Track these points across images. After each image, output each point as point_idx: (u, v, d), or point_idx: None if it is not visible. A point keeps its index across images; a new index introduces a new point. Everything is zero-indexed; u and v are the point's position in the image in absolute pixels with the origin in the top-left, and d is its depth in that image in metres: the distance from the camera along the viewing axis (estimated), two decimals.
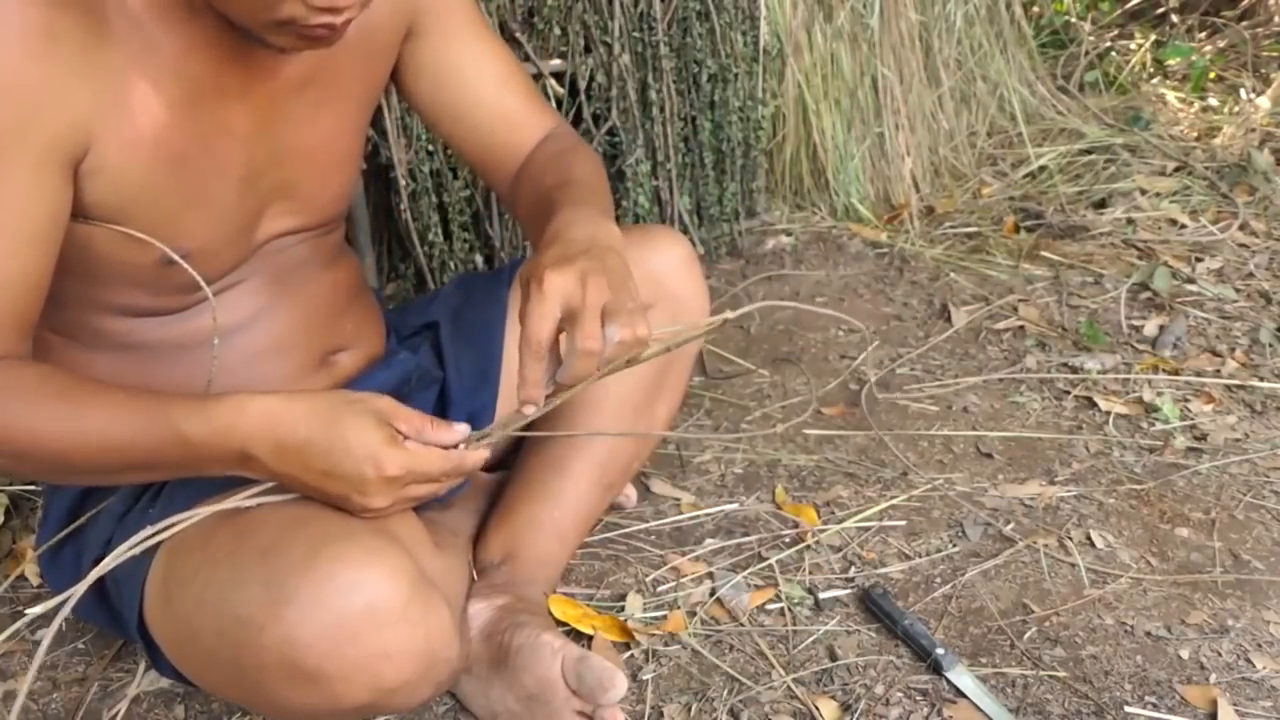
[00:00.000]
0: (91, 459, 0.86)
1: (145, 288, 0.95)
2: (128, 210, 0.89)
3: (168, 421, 0.84)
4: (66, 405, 0.85)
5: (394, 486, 0.88)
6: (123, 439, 0.85)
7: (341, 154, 1.06)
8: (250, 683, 0.83)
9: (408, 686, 0.84)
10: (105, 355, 0.99)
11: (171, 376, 0.99)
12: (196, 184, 0.92)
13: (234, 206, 0.96)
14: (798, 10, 2.25)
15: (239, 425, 0.85)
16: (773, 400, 1.71)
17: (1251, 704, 1.12)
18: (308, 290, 1.07)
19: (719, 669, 1.17)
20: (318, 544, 0.82)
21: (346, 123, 1.05)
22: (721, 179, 2.16)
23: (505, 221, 1.95)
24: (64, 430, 0.84)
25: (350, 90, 1.04)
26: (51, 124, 0.81)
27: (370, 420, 0.86)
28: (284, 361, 1.06)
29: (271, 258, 1.04)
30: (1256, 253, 2.14)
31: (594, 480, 1.24)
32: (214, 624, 0.84)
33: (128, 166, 0.87)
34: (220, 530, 0.88)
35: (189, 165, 0.91)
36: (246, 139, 0.95)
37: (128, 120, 0.86)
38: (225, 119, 0.92)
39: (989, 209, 2.41)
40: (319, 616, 0.79)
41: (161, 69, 0.87)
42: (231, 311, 1.01)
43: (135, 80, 0.86)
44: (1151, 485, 1.48)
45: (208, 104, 0.91)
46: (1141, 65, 3.18)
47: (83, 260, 0.91)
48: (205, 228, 0.94)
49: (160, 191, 0.89)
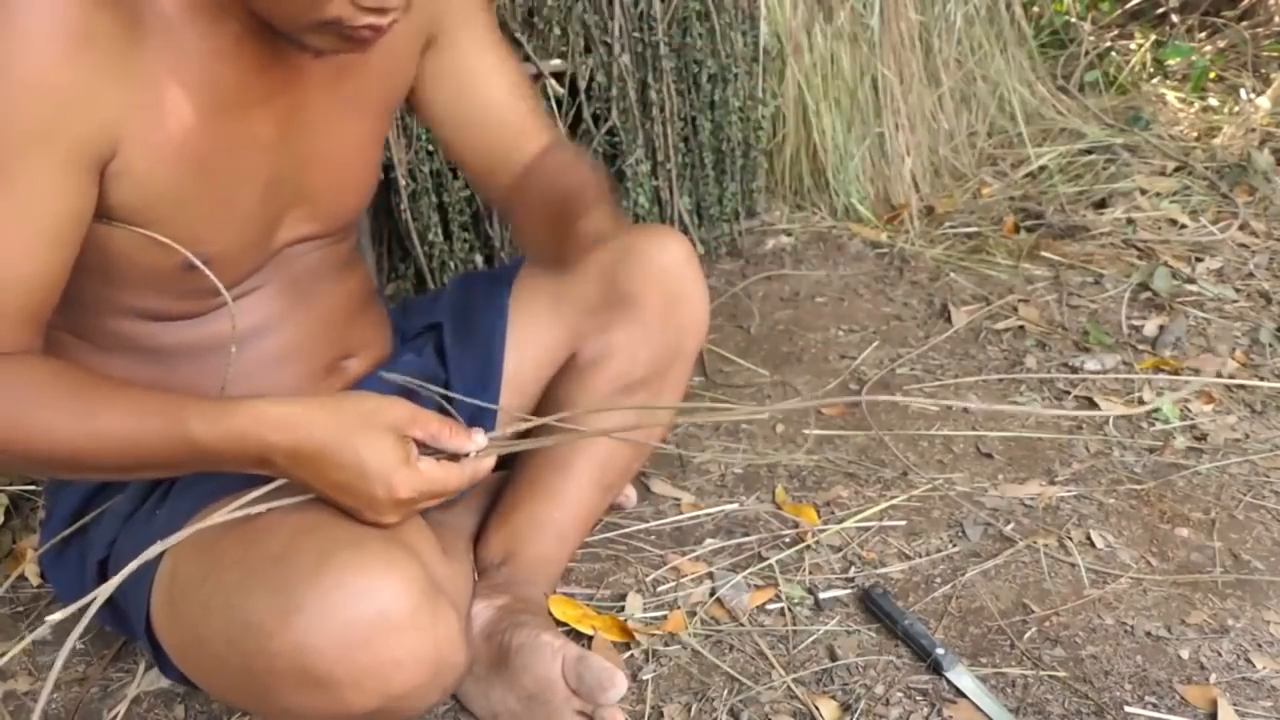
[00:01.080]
0: (103, 458, 0.85)
1: (164, 292, 0.95)
2: (151, 213, 0.89)
3: (183, 426, 0.84)
4: (80, 403, 0.84)
5: (406, 507, 0.88)
6: (136, 440, 0.85)
7: (362, 164, 1.07)
8: (260, 689, 0.83)
9: (417, 692, 0.84)
10: (120, 358, 0.98)
11: (187, 381, 0.99)
12: (220, 189, 0.92)
13: (255, 213, 0.97)
14: (798, 10, 2.25)
15: (256, 432, 0.85)
16: (773, 400, 1.71)
17: (1251, 704, 1.12)
18: (321, 298, 1.08)
19: (719, 669, 1.17)
20: (328, 551, 0.82)
21: (367, 133, 1.06)
22: (721, 179, 2.16)
23: (505, 221, 1.95)
24: (77, 429, 0.84)
25: (371, 100, 1.04)
26: (80, 125, 0.81)
27: (388, 439, 0.86)
28: (296, 368, 1.06)
29: (287, 265, 1.04)
30: (1256, 253, 2.14)
31: (594, 480, 1.24)
32: (223, 630, 0.84)
33: (154, 170, 0.87)
34: (229, 535, 0.87)
35: (214, 170, 0.91)
36: (270, 146, 0.95)
37: (157, 124, 0.86)
38: (250, 126, 0.93)
39: (989, 209, 2.41)
40: (329, 623, 0.79)
41: (192, 73, 0.87)
42: (246, 317, 1.01)
43: (167, 84, 0.86)
44: (1151, 485, 1.48)
45: (234, 110, 0.91)
46: (1141, 65, 3.18)
47: (102, 262, 0.91)
48: (226, 233, 0.95)
49: (185, 196, 0.89)
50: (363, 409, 0.87)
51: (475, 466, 0.91)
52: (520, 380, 1.23)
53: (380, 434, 0.86)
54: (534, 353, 1.23)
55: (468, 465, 0.91)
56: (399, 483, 0.86)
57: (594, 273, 1.22)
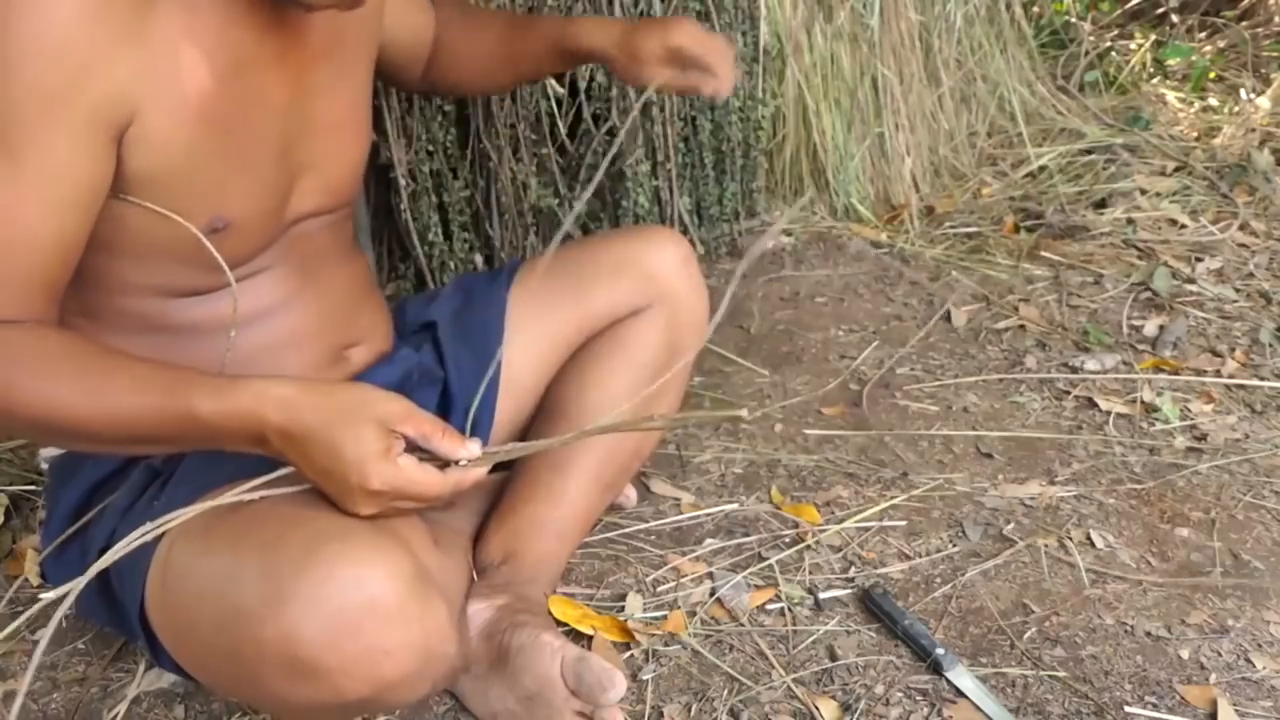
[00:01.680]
0: (108, 432, 0.86)
1: (180, 262, 0.95)
2: (172, 178, 0.89)
3: (186, 400, 0.84)
4: (84, 372, 0.85)
5: (377, 500, 0.87)
6: (142, 416, 0.85)
7: (358, 123, 1.09)
8: (250, 676, 0.83)
9: (407, 681, 0.84)
10: (130, 337, 0.98)
11: (195, 360, 0.99)
12: (239, 153, 0.93)
13: (270, 178, 0.98)
14: (798, 10, 2.25)
15: (257, 411, 0.85)
16: (773, 400, 1.71)
17: (1251, 704, 1.12)
18: (328, 281, 1.09)
19: (719, 669, 1.17)
20: (318, 540, 0.83)
21: (360, 90, 1.08)
22: (721, 179, 2.16)
23: (505, 221, 1.95)
24: (84, 403, 0.84)
25: (360, 57, 1.07)
26: (97, 90, 0.82)
27: (371, 429, 0.85)
28: (303, 352, 1.07)
29: (297, 245, 1.05)
30: (1256, 253, 2.14)
31: (594, 480, 1.24)
32: (214, 617, 0.84)
33: (174, 135, 0.87)
34: (222, 524, 0.88)
35: (232, 133, 0.91)
36: (282, 109, 0.96)
37: (175, 88, 0.86)
38: (265, 88, 0.94)
39: (989, 209, 2.41)
40: (318, 611, 0.79)
41: (208, 36, 0.88)
42: (258, 298, 1.02)
43: (183, 47, 0.86)
44: (1151, 485, 1.48)
45: (249, 72, 0.92)
46: (1141, 65, 3.18)
47: (120, 236, 0.91)
48: (245, 198, 0.95)
49: (204, 159, 0.90)
50: (355, 398, 0.87)
51: (460, 476, 0.90)
52: (519, 381, 1.23)
53: (365, 423, 0.85)
54: (533, 353, 1.24)
55: (453, 473, 0.89)
56: (371, 472, 0.85)
57: (593, 273, 1.22)
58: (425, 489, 0.88)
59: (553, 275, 1.23)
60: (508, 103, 1.87)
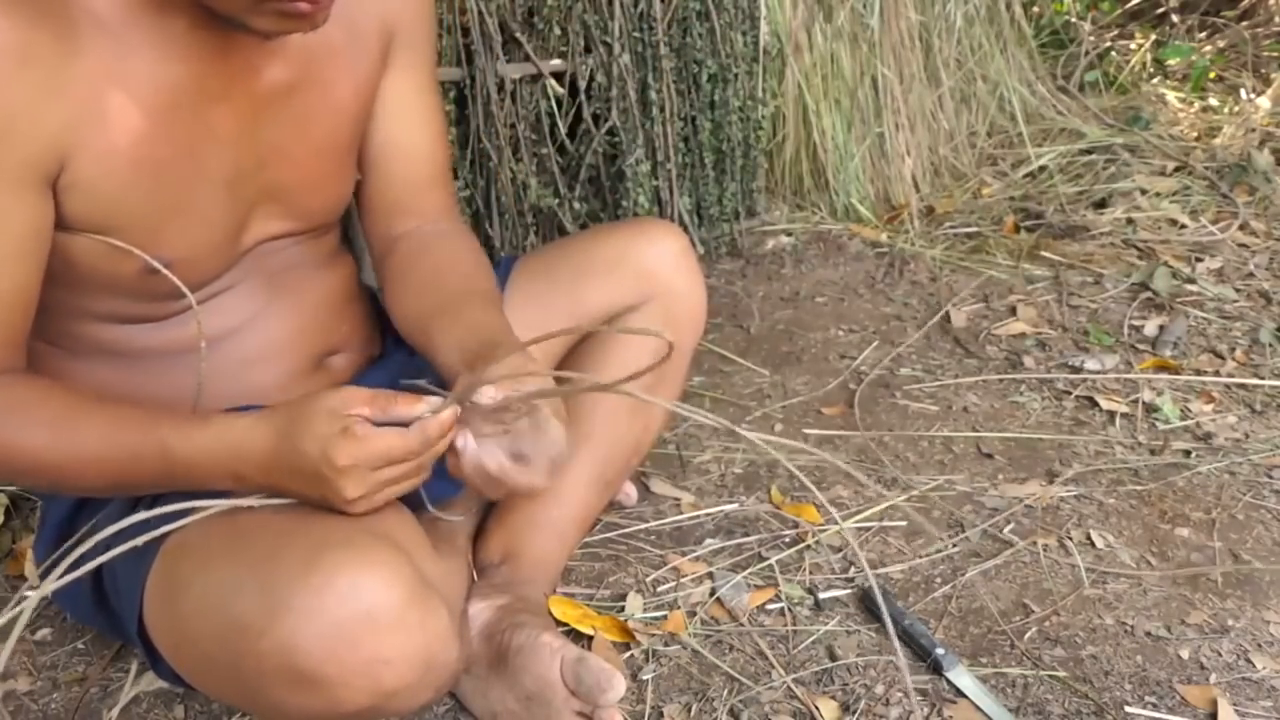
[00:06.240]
0: (91, 480, 0.88)
1: (129, 296, 0.95)
2: (108, 221, 0.89)
3: (161, 447, 0.86)
4: (62, 421, 0.86)
5: (356, 475, 0.85)
6: (115, 457, 0.87)
7: (334, 163, 1.05)
8: (250, 687, 0.83)
9: (408, 690, 0.84)
10: (92, 363, 0.99)
11: (160, 384, 0.99)
12: (178, 191, 0.92)
13: (219, 212, 0.96)
14: (798, 10, 2.25)
15: (223, 449, 0.86)
16: (773, 400, 1.71)
17: (1251, 704, 1.12)
18: (301, 293, 1.07)
19: (719, 669, 1.17)
20: (316, 550, 0.82)
21: (339, 132, 1.04)
22: (721, 179, 2.16)
23: (505, 221, 1.95)
24: (62, 453, 0.86)
25: (341, 98, 1.03)
26: (25, 145, 0.82)
27: (321, 418, 0.85)
28: (278, 366, 1.05)
29: (263, 260, 1.03)
30: (1256, 253, 2.14)
31: (593, 478, 1.24)
32: (213, 629, 0.84)
33: (104, 179, 0.87)
34: (219, 535, 0.88)
35: (170, 172, 0.90)
36: (231, 141, 0.94)
37: (102, 133, 0.86)
38: (209, 121, 0.92)
39: (989, 209, 2.41)
40: (318, 622, 0.79)
41: (137, 75, 0.87)
42: (223, 317, 1.01)
43: (109, 91, 0.86)
44: (1152, 485, 1.48)
45: (189, 107, 0.90)
46: (1141, 65, 3.18)
47: (65, 269, 0.91)
48: (188, 235, 0.94)
49: (140, 201, 0.89)
50: (302, 402, 0.87)
51: (425, 425, 0.87)
52: None
53: (315, 417, 0.85)
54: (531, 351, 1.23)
55: (416, 426, 0.86)
56: (336, 451, 0.84)
57: (589, 270, 1.21)
58: (394, 448, 0.86)
59: (548, 272, 1.22)
60: (508, 103, 1.87)
